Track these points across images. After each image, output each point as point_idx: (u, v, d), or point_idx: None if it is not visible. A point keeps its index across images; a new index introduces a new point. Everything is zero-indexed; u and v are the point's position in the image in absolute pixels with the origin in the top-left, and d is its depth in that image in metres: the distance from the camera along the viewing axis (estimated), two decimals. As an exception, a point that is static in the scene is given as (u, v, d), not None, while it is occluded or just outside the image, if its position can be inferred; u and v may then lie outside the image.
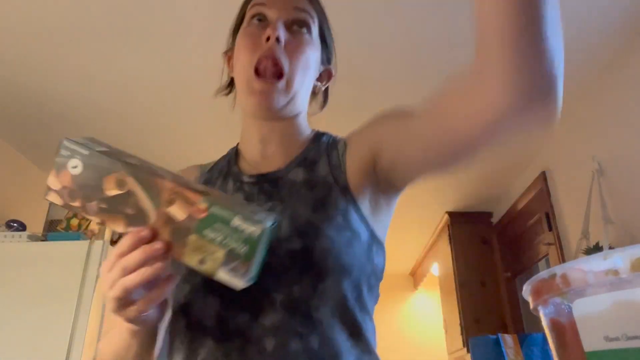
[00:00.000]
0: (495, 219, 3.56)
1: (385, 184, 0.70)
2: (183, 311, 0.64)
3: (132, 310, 0.51)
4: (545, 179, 2.68)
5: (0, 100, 2.27)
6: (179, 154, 2.74)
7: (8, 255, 2.14)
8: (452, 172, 0.61)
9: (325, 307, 0.60)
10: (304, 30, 0.74)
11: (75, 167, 0.53)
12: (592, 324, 0.30)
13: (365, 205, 0.69)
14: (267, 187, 0.71)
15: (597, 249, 1.93)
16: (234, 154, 0.80)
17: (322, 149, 0.75)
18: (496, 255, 3.48)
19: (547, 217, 2.67)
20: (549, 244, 2.66)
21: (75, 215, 2.35)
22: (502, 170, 3.00)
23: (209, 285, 0.60)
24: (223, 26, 1.95)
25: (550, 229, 2.65)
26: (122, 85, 2.16)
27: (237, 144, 0.83)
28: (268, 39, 0.69)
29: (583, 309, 0.31)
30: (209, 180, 0.78)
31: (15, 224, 2.37)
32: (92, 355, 1.98)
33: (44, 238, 2.27)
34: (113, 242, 2.54)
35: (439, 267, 4.03)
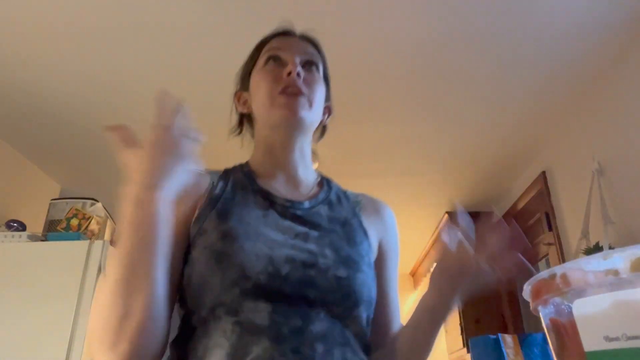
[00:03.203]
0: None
1: None
2: (231, 311, 0.67)
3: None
4: (545, 179, 2.68)
5: (0, 100, 2.27)
6: (179, 154, 2.74)
7: (8, 255, 2.14)
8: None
9: (353, 327, 0.72)
10: (314, 68, 0.87)
11: None
12: (592, 324, 0.30)
13: (374, 253, 0.86)
14: (299, 213, 0.80)
15: (597, 249, 1.93)
16: (248, 171, 0.86)
17: (337, 194, 0.89)
18: (496, 255, 3.48)
19: (547, 217, 2.67)
20: (549, 244, 2.66)
21: (75, 215, 2.35)
22: (502, 170, 3.00)
23: (260, 291, 0.67)
24: (223, 26, 1.95)
25: (550, 229, 2.65)
26: (122, 86, 2.16)
27: (246, 162, 0.90)
28: (289, 73, 0.81)
29: (583, 309, 0.31)
30: (224, 188, 0.81)
31: (15, 224, 2.37)
32: (92, 355, 1.98)
33: (44, 238, 2.26)
34: (113, 243, 2.54)
35: (439, 267, 4.02)
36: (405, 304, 5.15)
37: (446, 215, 3.60)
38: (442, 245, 0.75)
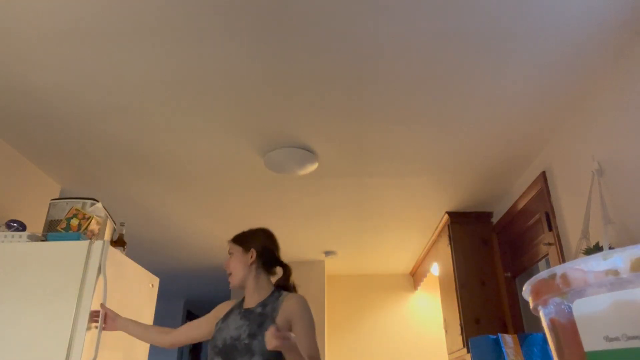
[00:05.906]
0: (495, 219, 3.56)
1: None
2: (211, 358, 1.69)
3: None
4: (545, 179, 2.68)
5: (0, 100, 2.27)
6: (178, 154, 2.74)
7: (8, 255, 2.14)
8: None
9: None
10: (231, 255, 1.88)
11: None
12: (592, 324, 0.30)
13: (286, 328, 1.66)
14: (246, 314, 1.74)
15: (597, 249, 1.93)
16: (244, 298, 1.86)
17: (273, 299, 1.76)
18: (496, 255, 3.48)
19: (547, 217, 2.67)
20: (549, 244, 2.66)
21: (75, 215, 2.35)
22: (502, 170, 3.00)
23: (217, 352, 1.68)
24: (223, 27, 1.94)
25: (550, 229, 2.65)
26: (123, 86, 2.16)
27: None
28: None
29: (583, 309, 0.31)
30: (232, 308, 1.84)
31: (15, 224, 2.37)
32: (93, 355, 1.98)
33: (44, 238, 2.26)
34: (113, 243, 2.54)
35: (439, 267, 4.03)
36: (405, 304, 5.15)
37: (446, 216, 3.60)
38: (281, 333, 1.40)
